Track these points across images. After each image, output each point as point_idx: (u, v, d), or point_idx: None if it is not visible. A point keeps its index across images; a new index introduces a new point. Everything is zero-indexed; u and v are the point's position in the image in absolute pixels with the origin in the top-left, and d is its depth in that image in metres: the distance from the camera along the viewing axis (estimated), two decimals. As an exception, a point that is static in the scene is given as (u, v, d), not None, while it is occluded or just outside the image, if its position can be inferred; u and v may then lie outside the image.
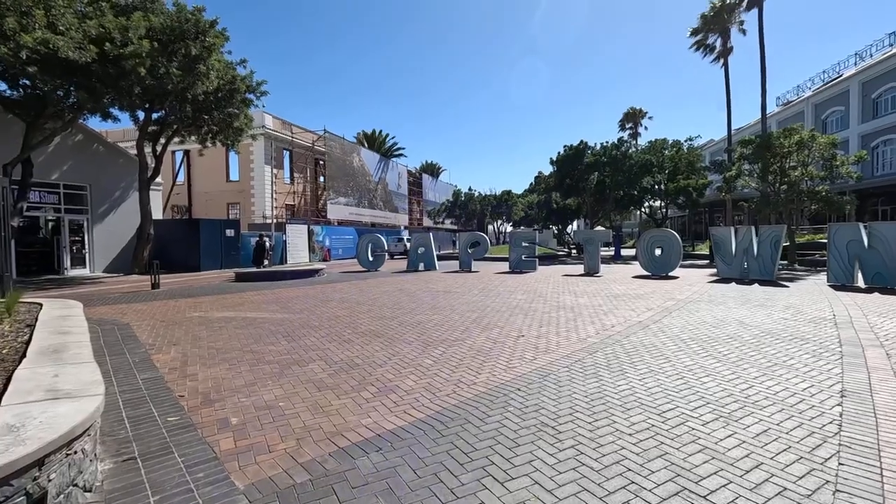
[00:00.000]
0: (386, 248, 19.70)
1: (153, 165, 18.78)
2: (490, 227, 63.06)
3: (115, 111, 15.90)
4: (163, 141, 18.88)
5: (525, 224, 51.29)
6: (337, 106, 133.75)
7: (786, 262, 17.16)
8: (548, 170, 35.38)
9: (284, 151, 33.15)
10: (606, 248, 28.21)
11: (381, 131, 50.99)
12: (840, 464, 2.54)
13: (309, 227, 27.48)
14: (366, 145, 45.63)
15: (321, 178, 36.45)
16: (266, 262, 19.20)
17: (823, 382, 3.92)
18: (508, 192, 58.50)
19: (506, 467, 2.58)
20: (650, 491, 2.31)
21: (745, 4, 27.46)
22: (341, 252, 30.70)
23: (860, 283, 10.70)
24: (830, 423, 3.10)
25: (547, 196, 36.24)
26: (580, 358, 4.85)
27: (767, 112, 29.42)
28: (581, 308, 8.20)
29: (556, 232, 38.88)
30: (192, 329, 6.75)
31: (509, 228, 59.12)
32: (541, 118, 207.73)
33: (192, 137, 19.27)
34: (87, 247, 18.35)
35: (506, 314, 7.66)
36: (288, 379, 4.30)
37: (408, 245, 24.42)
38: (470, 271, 17.34)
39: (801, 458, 2.63)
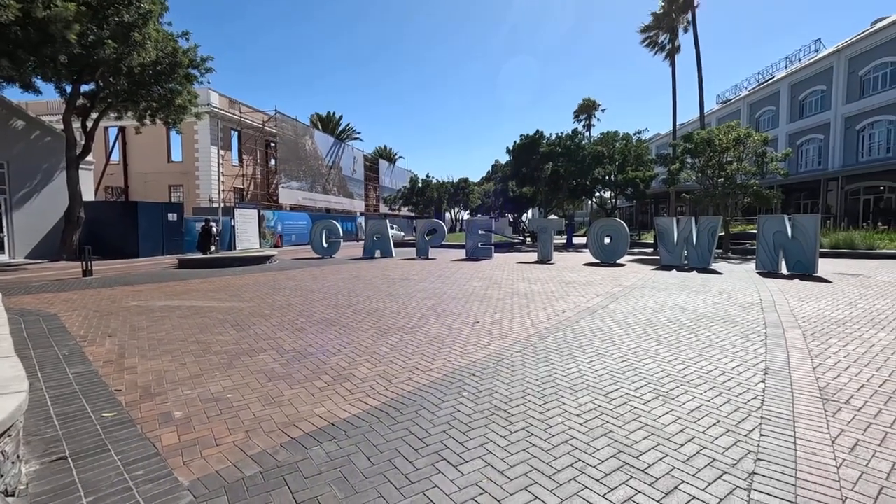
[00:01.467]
0: (341, 234, 19.27)
1: (83, 142, 17.20)
2: (447, 215, 63.08)
3: (38, 81, 14.37)
4: (94, 116, 17.30)
5: (482, 212, 51.79)
6: (291, 88, 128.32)
7: (720, 250, 18.41)
8: (504, 158, 35.83)
9: (232, 132, 31.45)
10: (560, 237, 29.12)
11: (335, 113, 49.44)
12: (761, 435, 2.80)
13: (259, 212, 26.34)
14: (320, 127, 44.08)
15: (272, 161, 34.94)
16: (213, 248, 18.22)
17: (749, 362, 4.28)
18: (466, 180, 58.57)
19: (459, 451, 2.63)
20: (595, 467, 2.44)
21: (682, 4, 28.80)
22: (294, 238, 29.73)
23: (783, 270, 11.68)
24: (754, 398, 3.39)
25: (503, 184, 36.75)
26: (532, 343, 5.01)
27: (709, 109, 31.15)
28: (534, 294, 8.44)
29: (511, 220, 39.61)
30: (131, 319, 6.34)
31: (466, 216, 59.44)
32: (500, 108, 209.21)
33: (129, 114, 17.80)
34: (5, 230, 16.66)
35: (462, 301, 7.75)
36: (237, 369, 4.15)
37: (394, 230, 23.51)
38: (427, 258, 17.34)
39: (729, 430, 2.86)
